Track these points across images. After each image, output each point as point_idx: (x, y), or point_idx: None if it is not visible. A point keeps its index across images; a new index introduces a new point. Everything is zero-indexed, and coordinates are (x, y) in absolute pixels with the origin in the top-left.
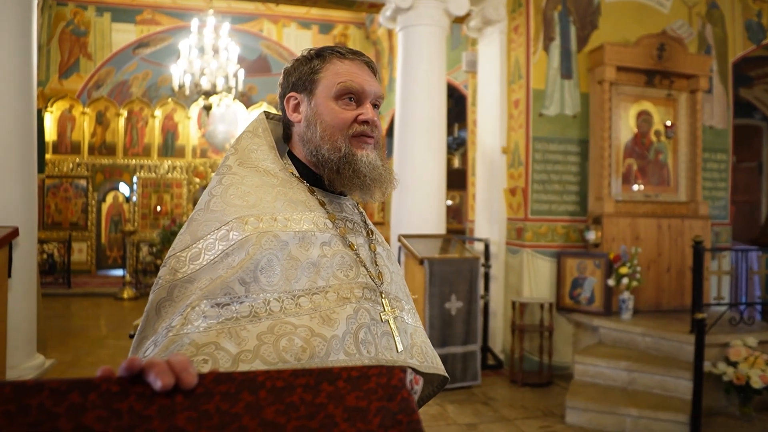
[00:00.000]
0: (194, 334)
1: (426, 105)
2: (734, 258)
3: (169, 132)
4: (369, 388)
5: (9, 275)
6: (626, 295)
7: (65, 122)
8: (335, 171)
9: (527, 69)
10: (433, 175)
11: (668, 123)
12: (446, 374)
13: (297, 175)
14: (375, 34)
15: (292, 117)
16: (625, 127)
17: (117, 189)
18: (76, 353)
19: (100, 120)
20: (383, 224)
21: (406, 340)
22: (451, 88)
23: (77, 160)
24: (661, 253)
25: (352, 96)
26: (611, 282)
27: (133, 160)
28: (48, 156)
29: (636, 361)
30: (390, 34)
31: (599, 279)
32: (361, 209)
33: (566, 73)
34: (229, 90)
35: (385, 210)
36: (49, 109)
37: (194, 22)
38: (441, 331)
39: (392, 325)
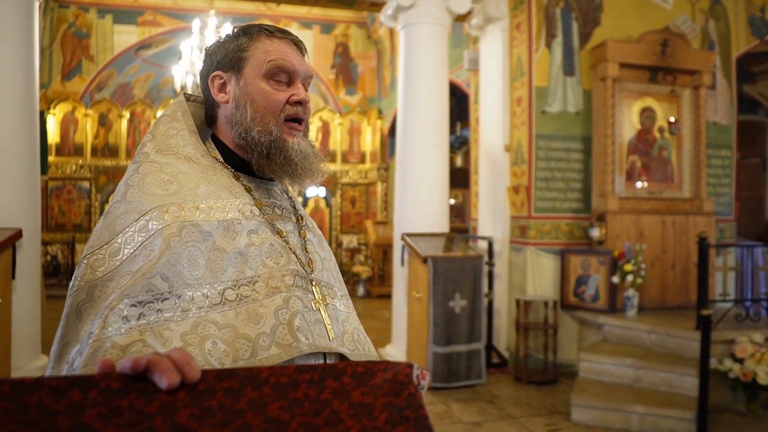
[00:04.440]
0: (116, 336)
1: (428, 103)
2: (739, 254)
3: None
4: (375, 383)
5: (13, 277)
6: (631, 292)
7: (68, 124)
8: (265, 156)
9: (529, 66)
10: (435, 174)
11: (672, 119)
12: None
13: (221, 160)
14: (376, 34)
15: (218, 97)
16: (629, 123)
17: None
18: None
19: (103, 122)
20: (386, 223)
21: (338, 328)
22: (453, 86)
23: (80, 161)
24: (665, 249)
25: (283, 75)
26: (616, 279)
27: None
28: (51, 158)
29: (641, 359)
30: (392, 33)
31: (604, 276)
32: (291, 194)
33: (569, 70)
34: None
35: (388, 209)
36: (51, 111)
37: (195, 23)
38: (445, 330)
39: (323, 314)
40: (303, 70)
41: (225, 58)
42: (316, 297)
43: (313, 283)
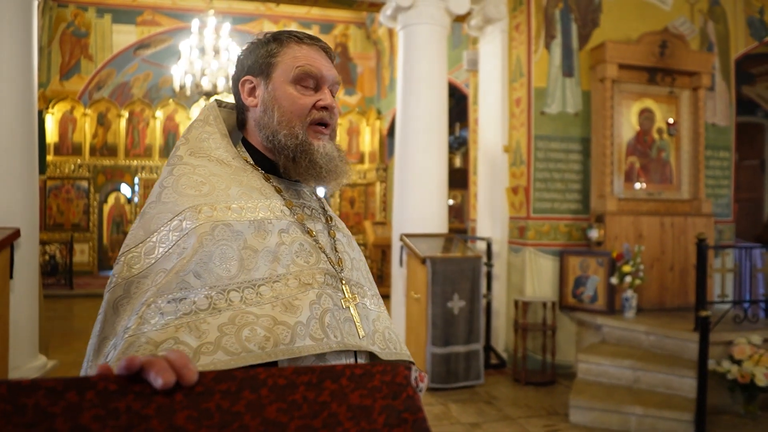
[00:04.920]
0: (151, 332)
1: (427, 104)
2: (738, 255)
3: (171, 133)
4: (373, 386)
5: (11, 276)
6: (629, 293)
7: (66, 123)
8: (291, 159)
9: (528, 67)
10: (434, 174)
11: (670, 120)
12: (411, 359)
13: (251, 162)
14: (376, 34)
15: (248, 101)
16: (627, 124)
17: (118, 190)
18: (79, 354)
19: (102, 121)
20: (385, 224)
21: (368, 327)
22: (452, 87)
23: (79, 161)
24: (664, 251)
25: (310, 81)
26: (614, 280)
27: (135, 162)
28: (49, 157)
29: (640, 360)
30: (391, 33)
31: (602, 277)
32: (320, 195)
33: (568, 71)
34: (230, 90)
35: (386, 209)
36: (50, 110)
37: (195, 23)
38: (444, 331)
39: (353, 312)
40: (330, 76)
41: (255, 63)
42: (346, 296)
43: (343, 282)
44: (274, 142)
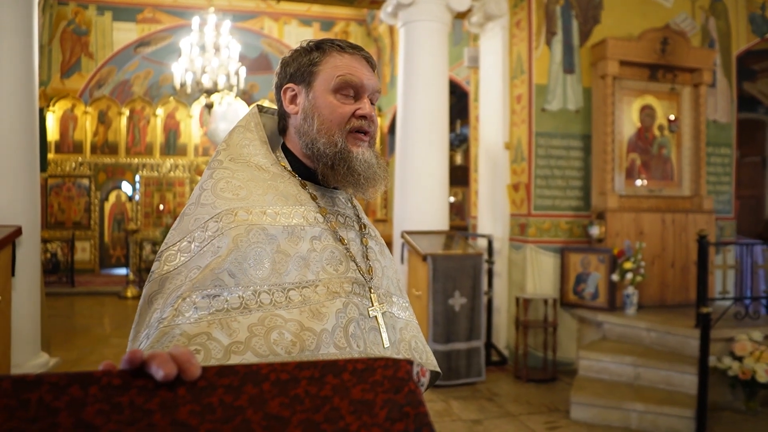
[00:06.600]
0: (185, 325)
1: (428, 101)
2: (739, 252)
3: (171, 131)
4: (375, 380)
5: (13, 274)
6: (630, 290)
7: (67, 121)
8: (329, 166)
9: (529, 64)
10: (435, 172)
11: (672, 117)
12: (438, 369)
13: (289, 169)
14: (376, 31)
15: (289, 108)
16: (628, 121)
17: (119, 188)
18: (80, 352)
19: (102, 119)
20: (386, 221)
21: (394, 336)
22: (453, 84)
23: (80, 159)
24: (665, 247)
25: (350, 90)
26: (615, 277)
27: (136, 159)
28: (50, 155)
29: (641, 356)
30: (391, 30)
31: (603, 274)
32: (356, 203)
33: (569, 67)
34: (230, 88)
35: (387, 207)
36: (51, 108)
37: (195, 21)
38: (445, 328)
39: (379, 321)
40: (370, 85)
41: (297, 71)
42: (374, 304)
43: (372, 291)
44: (313, 150)
